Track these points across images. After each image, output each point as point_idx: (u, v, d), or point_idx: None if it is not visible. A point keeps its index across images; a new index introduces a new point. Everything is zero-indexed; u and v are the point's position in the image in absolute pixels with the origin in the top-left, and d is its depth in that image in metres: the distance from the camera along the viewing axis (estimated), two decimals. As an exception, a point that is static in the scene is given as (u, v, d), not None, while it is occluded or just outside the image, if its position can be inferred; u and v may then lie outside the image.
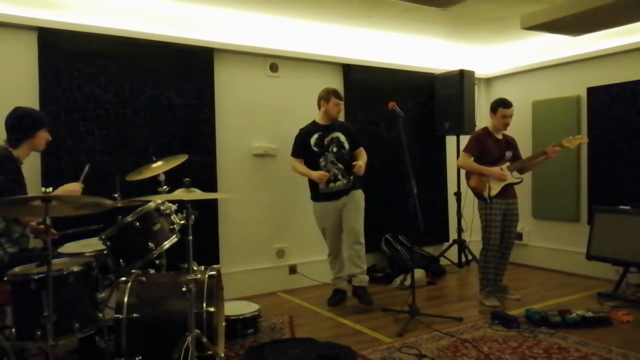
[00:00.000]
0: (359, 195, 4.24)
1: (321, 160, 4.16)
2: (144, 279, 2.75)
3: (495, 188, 4.12)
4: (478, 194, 4.23)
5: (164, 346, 2.53)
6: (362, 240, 4.20)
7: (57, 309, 2.30)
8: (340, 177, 4.17)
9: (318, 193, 4.21)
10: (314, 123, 4.28)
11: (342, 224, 4.21)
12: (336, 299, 4.29)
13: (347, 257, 4.27)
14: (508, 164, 4.21)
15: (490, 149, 4.19)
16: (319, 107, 4.26)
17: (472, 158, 4.22)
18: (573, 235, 5.20)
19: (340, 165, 4.17)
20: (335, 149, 4.18)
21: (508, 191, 4.17)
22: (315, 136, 4.19)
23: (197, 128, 4.31)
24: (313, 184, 4.23)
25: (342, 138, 4.21)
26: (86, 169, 3.07)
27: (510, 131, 4.37)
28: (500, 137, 4.27)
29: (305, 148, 4.19)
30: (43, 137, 3.01)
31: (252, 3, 4.18)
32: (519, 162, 4.23)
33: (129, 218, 2.80)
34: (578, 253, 4.86)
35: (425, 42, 5.45)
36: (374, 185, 5.16)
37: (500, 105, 4.19)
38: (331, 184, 4.15)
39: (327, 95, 4.20)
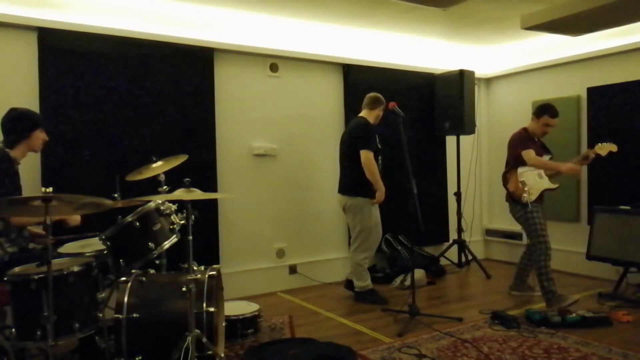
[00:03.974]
0: None
1: (379, 158, 4.28)
2: (144, 279, 2.76)
3: (534, 193, 4.05)
4: (516, 198, 4.09)
5: (164, 346, 2.53)
6: None
7: (57, 309, 2.30)
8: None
9: (372, 190, 4.19)
10: (368, 121, 4.30)
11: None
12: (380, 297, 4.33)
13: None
14: None
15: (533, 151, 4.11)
16: (372, 108, 4.33)
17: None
18: (573, 235, 5.20)
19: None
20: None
21: (542, 196, 4.13)
22: (376, 135, 4.28)
23: (197, 128, 4.31)
24: (368, 180, 4.14)
25: None
26: None
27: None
28: (536, 139, 4.22)
29: (375, 145, 4.24)
30: (39, 137, 2.99)
31: (252, 3, 4.18)
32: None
33: (129, 218, 2.79)
34: (578, 253, 4.86)
35: (425, 42, 5.45)
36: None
37: (547, 113, 4.09)
38: None
39: (384, 103, 4.31)
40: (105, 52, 3.92)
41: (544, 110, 4.14)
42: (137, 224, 2.80)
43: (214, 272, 2.81)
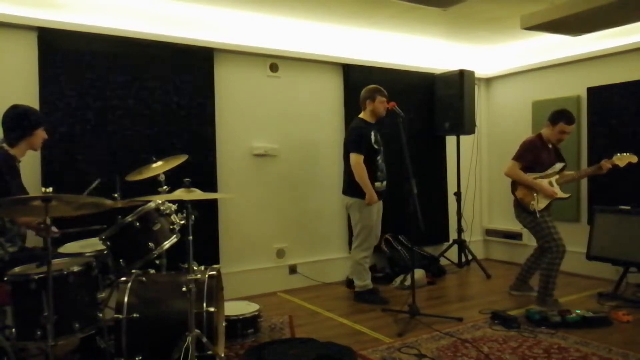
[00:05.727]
0: None
1: (379, 158, 4.25)
2: (144, 279, 2.75)
3: (543, 202, 4.02)
4: (524, 205, 4.08)
5: (164, 346, 2.53)
6: None
7: (57, 309, 2.30)
8: (386, 177, 4.31)
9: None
10: (363, 121, 4.29)
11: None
12: (380, 298, 4.33)
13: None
14: (557, 177, 4.09)
15: (544, 159, 4.07)
16: (365, 106, 4.31)
17: (521, 166, 4.08)
18: (573, 235, 5.19)
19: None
20: (382, 148, 4.31)
21: (551, 205, 4.07)
22: (373, 133, 4.25)
23: (197, 128, 4.31)
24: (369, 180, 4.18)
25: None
26: (95, 183, 3.07)
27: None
28: (550, 146, 4.15)
29: (368, 145, 4.19)
30: (40, 135, 2.98)
31: (252, 3, 4.18)
32: (569, 176, 4.13)
33: (129, 218, 2.79)
34: (578, 253, 4.86)
35: (425, 42, 5.45)
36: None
37: (563, 120, 4.00)
38: (377, 183, 4.22)
39: (372, 94, 4.26)
40: (105, 52, 3.92)
41: (559, 116, 4.03)
42: (137, 224, 2.80)
43: (214, 272, 2.81)
